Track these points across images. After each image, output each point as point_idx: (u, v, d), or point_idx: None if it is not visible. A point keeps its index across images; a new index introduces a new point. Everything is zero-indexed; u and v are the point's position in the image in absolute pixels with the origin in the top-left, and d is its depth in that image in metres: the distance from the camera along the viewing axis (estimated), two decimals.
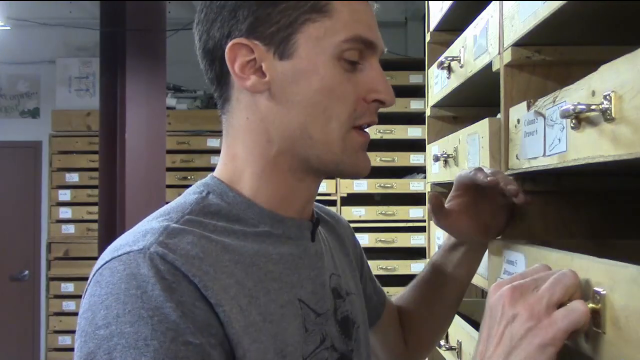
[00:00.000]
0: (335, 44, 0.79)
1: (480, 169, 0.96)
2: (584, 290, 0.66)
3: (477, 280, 1.15)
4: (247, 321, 0.73)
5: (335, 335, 0.86)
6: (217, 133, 5.03)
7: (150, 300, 0.66)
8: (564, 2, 0.80)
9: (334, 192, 4.52)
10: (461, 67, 1.35)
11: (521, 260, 0.88)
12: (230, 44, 0.80)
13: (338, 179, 4.51)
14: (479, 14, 1.20)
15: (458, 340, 1.42)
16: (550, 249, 0.80)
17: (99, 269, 0.71)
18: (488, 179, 0.92)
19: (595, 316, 0.63)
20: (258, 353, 0.73)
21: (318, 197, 0.93)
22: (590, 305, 0.64)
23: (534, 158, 0.88)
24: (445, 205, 1.02)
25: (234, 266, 0.76)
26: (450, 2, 1.53)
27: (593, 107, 0.66)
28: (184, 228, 0.75)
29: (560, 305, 0.66)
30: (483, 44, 1.17)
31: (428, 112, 1.76)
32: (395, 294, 1.21)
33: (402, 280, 3.85)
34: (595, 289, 0.64)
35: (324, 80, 0.79)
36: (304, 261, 0.85)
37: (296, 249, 0.85)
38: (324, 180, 1.11)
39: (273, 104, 0.80)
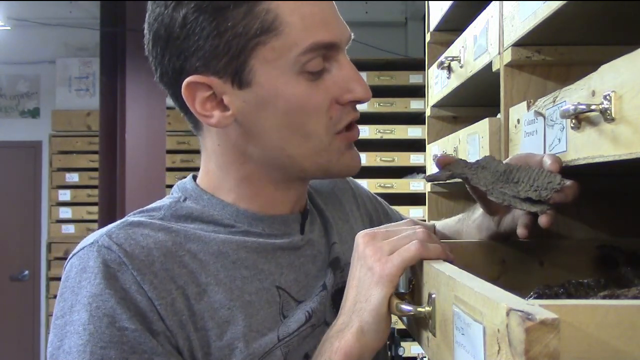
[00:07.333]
0: (293, 60, 0.73)
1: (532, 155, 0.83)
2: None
3: None
4: (191, 310, 0.72)
5: (328, 310, 0.82)
6: None
7: (92, 288, 0.70)
8: (564, 2, 0.80)
9: None
10: (461, 67, 1.35)
11: None
12: (185, 83, 0.75)
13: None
14: (479, 14, 1.20)
15: None
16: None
17: (65, 266, 0.75)
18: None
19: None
20: (202, 341, 0.72)
21: None
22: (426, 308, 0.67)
23: None
24: None
25: (191, 257, 0.75)
26: (450, 2, 1.53)
27: (593, 107, 0.65)
28: (142, 221, 0.76)
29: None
30: (483, 44, 1.17)
31: (428, 112, 1.76)
32: None
33: None
34: (430, 292, 0.66)
35: (291, 101, 0.74)
36: (286, 251, 0.82)
37: (279, 242, 0.82)
38: None
39: (243, 132, 0.77)
